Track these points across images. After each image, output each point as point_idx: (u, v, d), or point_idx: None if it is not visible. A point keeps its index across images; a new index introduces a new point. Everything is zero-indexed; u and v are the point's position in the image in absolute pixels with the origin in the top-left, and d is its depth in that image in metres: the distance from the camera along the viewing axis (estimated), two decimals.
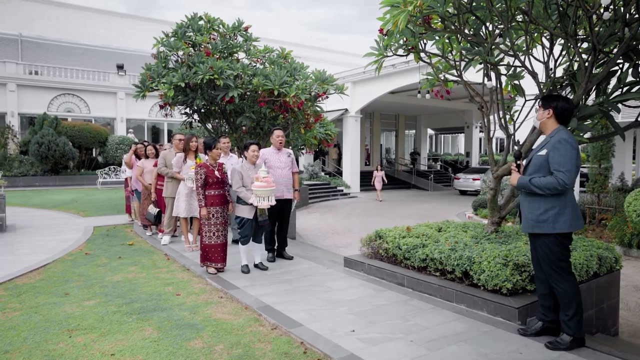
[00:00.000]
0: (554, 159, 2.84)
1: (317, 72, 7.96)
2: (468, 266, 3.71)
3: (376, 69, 4.63)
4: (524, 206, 3.01)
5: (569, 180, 2.78)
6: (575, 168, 2.80)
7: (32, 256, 5.59)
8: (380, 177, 17.27)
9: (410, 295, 3.96)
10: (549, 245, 2.89)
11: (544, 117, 2.98)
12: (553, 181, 2.81)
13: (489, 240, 4.18)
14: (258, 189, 4.56)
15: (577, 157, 2.83)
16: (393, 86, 17.37)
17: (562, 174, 2.80)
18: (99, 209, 10.42)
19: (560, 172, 2.80)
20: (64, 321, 3.42)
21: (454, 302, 3.72)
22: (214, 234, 4.75)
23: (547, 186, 2.84)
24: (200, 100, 7.51)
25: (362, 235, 5.27)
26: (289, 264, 5.19)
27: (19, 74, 20.02)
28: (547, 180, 2.84)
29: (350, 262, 4.92)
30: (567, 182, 2.78)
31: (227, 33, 8.35)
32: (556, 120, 2.94)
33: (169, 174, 6.12)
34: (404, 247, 4.36)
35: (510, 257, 3.57)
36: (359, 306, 3.70)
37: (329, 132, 11.98)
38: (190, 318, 3.48)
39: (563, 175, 2.79)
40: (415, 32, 4.23)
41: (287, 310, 3.60)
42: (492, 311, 3.44)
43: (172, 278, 4.66)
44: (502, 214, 4.43)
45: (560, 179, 2.78)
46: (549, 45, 4.19)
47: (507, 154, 4.44)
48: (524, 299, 3.42)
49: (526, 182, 2.93)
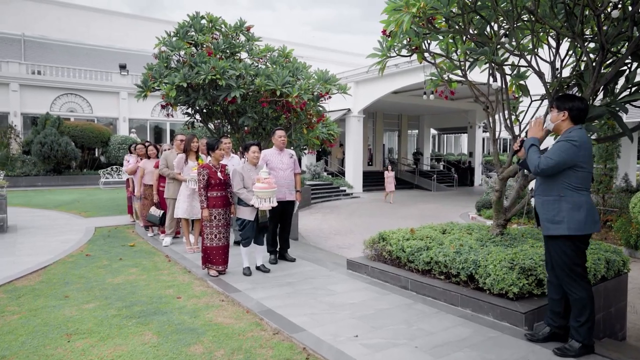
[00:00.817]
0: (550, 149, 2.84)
1: (320, 72, 7.90)
2: (473, 269, 3.64)
3: (379, 69, 4.57)
4: (538, 207, 2.94)
5: (545, 166, 2.76)
6: (561, 162, 2.74)
7: (32, 257, 5.55)
8: (391, 178, 16.47)
9: (414, 299, 3.90)
10: (563, 248, 2.81)
11: (558, 119, 2.91)
12: (535, 160, 2.80)
13: (494, 243, 4.12)
14: (259, 190, 4.51)
15: (573, 155, 2.73)
16: (396, 86, 17.29)
17: (544, 158, 2.78)
18: (100, 210, 10.40)
19: (547, 157, 2.77)
20: (63, 325, 3.38)
21: (459, 306, 3.66)
22: (216, 236, 4.69)
23: (529, 160, 2.86)
24: (202, 100, 7.46)
25: (364, 237, 5.21)
26: (291, 266, 5.13)
27: (22, 74, 20.04)
28: (533, 157, 2.83)
29: (353, 264, 4.86)
30: (543, 167, 2.76)
31: (229, 33, 8.29)
32: (571, 121, 2.87)
33: (170, 174, 6.08)
34: (407, 249, 4.29)
35: (516, 261, 3.50)
36: (362, 310, 3.64)
37: (332, 132, 11.93)
38: (191, 322, 3.43)
39: (544, 160, 2.77)
40: (419, 33, 4.16)
41: (289, 314, 3.55)
42: (498, 316, 3.37)
43: (173, 280, 4.61)
44: (507, 216, 4.37)
45: (541, 161, 2.77)
46: (555, 45, 4.12)
47: (513, 155, 4.36)
48: (531, 304, 3.35)
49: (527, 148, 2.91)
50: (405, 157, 27.09)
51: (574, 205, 2.77)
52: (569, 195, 2.78)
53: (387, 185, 16.45)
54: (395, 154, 28.29)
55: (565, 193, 2.79)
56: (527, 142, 2.95)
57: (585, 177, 2.79)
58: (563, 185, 2.79)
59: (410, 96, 20.00)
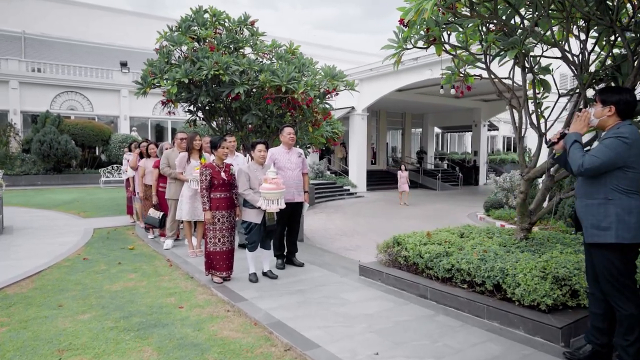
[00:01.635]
0: (596, 147, 2.55)
1: (327, 67, 7.60)
2: (501, 278, 3.35)
3: (395, 62, 4.27)
4: (581, 211, 2.64)
5: (590, 166, 2.47)
6: (608, 162, 2.45)
7: (27, 261, 5.28)
8: (405, 178, 15.47)
9: (435, 310, 3.61)
10: (610, 258, 2.51)
11: (604, 115, 2.60)
12: (578, 159, 2.52)
13: (520, 248, 3.83)
14: (267, 191, 4.22)
15: (623, 153, 2.44)
16: (400, 84, 17.00)
17: (589, 157, 2.49)
18: (100, 210, 10.13)
19: (592, 156, 2.49)
20: (55, 339, 3.10)
21: (485, 319, 3.37)
22: (219, 240, 4.41)
23: (571, 158, 2.58)
24: (204, 97, 7.17)
25: (371, 238, 4.93)
26: (299, 272, 4.85)
27: (22, 72, 19.78)
28: (577, 155, 2.55)
29: (366, 270, 4.57)
30: (587, 166, 2.48)
31: (233, 27, 8.00)
32: (618, 116, 2.57)
33: (172, 174, 5.80)
34: (426, 255, 4.01)
35: (548, 269, 3.21)
36: (380, 322, 3.36)
37: (336, 130, 11.64)
38: (194, 336, 3.15)
39: (588, 158, 2.48)
40: (440, 22, 3.87)
41: (300, 327, 3.26)
42: (531, 330, 3.08)
43: (174, 287, 4.33)
44: (532, 219, 4.07)
45: (585, 160, 2.49)
46: (584, 36, 3.82)
47: (539, 154, 4.07)
48: (566, 317, 3.06)
49: (569, 144, 2.62)
50: (409, 155, 26.78)
51: (623, 209, 2.47)
52: (617, 199, 2.48)
53: (400, 185, 15.47)
54: (398, 153, 27.98)
55: (613, 196, 2.49)
56: (569, 138, 2.65)
57: (636, 178, 2.48)
58: (611, 187, 2.49)
59: (415, 94, 19.70)
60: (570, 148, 2.59)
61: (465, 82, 4.62)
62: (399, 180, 15.56)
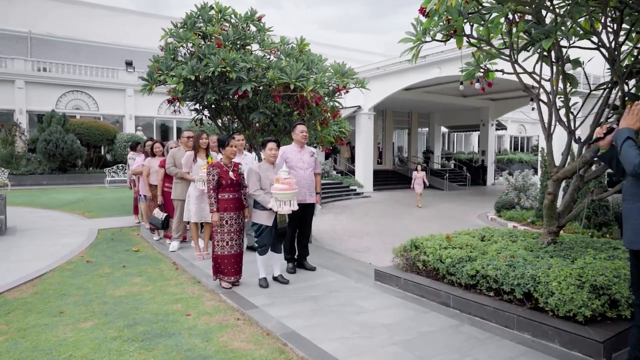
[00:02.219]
0: None
1: (337, 64, 7.38)
2: (532, 286, 3.11)
3: (412, 56, 4.04)
4: (631, 214, 2.40)
5: None
6: None
7: (29, 263, 5.10)
8: (420, 179, 14.69)
9: (459, 319, 3.38)
10: None
11: None
12: (633, 158, 2.26)
13: (549, 253, 3.59)
14: (279, 192, 4.01)
15: None
16: (408, 82, 16.73)
17: None
18: (105, 210, 9.97)
19: None
20: (55, 350, 2.90)
21: (515, 330, 3.13)
22: (227, 243, 4.20)
23: (624, 157, 2.32)
24: (211, 94, 6.97)
25: (380, 239, 4.71)
26: (312, 276, 4.63)
27: (28, 71, 19.70)
28: (631, 153, 2.29)
29: (383, 275, 4.34)
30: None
31: (240, 23, 7.80)
32: None
33: (178, 174, 5.60)
34: (447, 260, 3.77)
35: (585, 277, 2.97)
36: (401, 333, 3.13)
37: (343, 129, 11.40)
38: (203, 348, 2.94)
39: None
40: (463, 12, 3.63)
41: (316, 338, 3.04)
42: (567, 344, 2.84)
43: (181, 293, 4.12)
44: (561, 222, 3.83)
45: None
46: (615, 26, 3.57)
47: (568, 153, 3.83)
48: (607, 330, 2.82)
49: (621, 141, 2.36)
50: (416, 155, 26.49)
51: None
52: None
53: (416, 186, 14.70)
54: (405, 153, 27.69)
55: None
56: (620, 134, 2.40)
57: None
58: None
59: (421, 93, 19.42)
60: (623, 145, 2.34)
61: (486, 78, 4.38)
62: (414, 181, 14.80)
